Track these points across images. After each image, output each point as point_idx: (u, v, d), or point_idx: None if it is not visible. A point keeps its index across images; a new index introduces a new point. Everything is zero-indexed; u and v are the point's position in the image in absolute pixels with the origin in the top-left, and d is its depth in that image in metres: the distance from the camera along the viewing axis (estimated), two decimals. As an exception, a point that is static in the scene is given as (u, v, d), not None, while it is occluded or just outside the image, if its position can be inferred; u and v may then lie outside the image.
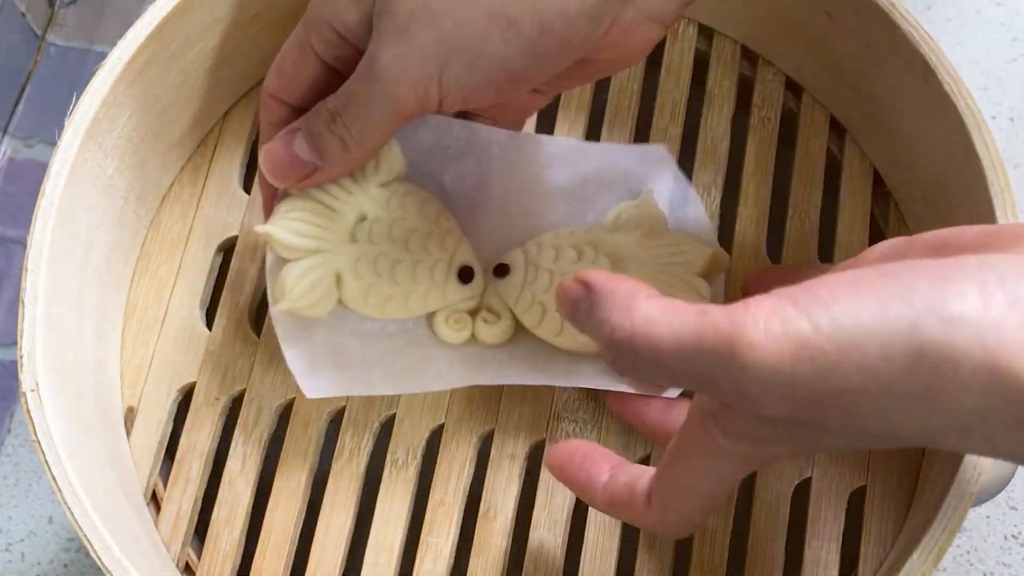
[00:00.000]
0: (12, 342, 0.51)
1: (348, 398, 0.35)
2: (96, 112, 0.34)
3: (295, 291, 0.33)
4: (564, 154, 0.37)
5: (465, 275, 0.34)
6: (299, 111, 0.33)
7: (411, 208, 0.35)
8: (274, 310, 0.34)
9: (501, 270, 0.35)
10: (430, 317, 0.35)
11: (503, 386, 0.35)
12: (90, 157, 0.34)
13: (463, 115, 0.36)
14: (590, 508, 0.34)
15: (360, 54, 0.31)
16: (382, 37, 0.29)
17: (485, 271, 0.35)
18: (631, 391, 0.34)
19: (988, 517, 0.47)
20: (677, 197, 0.37)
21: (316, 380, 0.34)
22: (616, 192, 0.37)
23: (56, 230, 0.33)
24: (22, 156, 0.53)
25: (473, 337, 0.35)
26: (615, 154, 0.38)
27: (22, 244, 0.51)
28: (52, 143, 0.51)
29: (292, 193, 0.34)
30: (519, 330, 0.35)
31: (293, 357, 0.34)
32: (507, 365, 0.35)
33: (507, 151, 0.37)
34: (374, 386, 0.34)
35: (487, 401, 0.35)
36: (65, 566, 0.48)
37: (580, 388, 0.35)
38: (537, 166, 0.37)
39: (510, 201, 0.37)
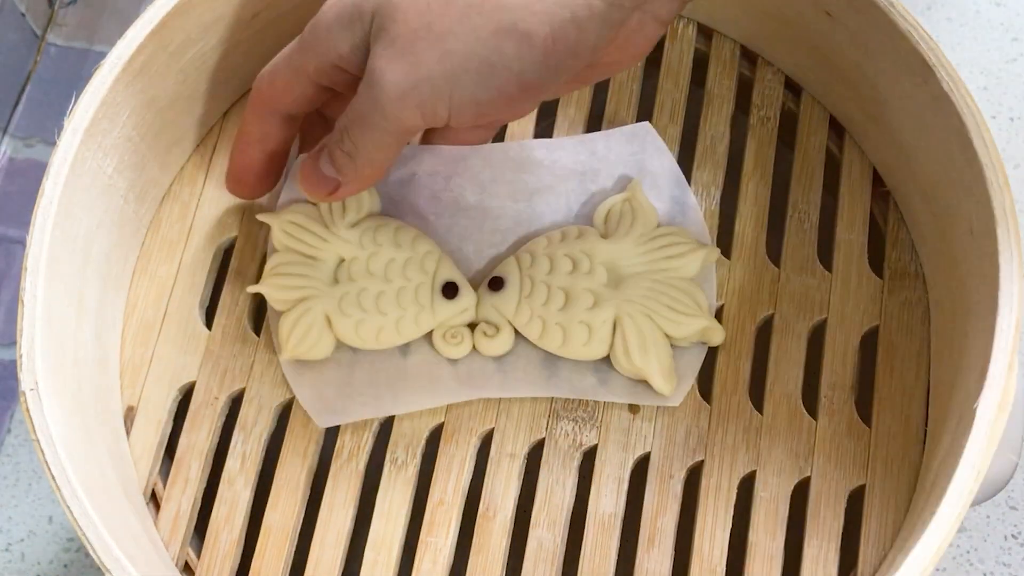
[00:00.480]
0: (12, 342, 0.51)
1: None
2: (95, 111, 0.34)
3: (291, 340, 0.35)
4: (536, 156, 0.37)
5: (449, 291, 0.35)
6: (289, 116, 0.34)
7: (384, 240, 0.35)
8: (281, 359, 0.36)
9: (496, 283, 0.35)
10: (430, 337, 0.35)
11: (503, 386, 0.35)
12: (90, 156, 0.34)
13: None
14: (589, 507, 0.34)
15: (356, 79, 0.31)
16: (382, 56, 0.29)
17: (479, 285, 0.36)
18: (632, 401, 0.35)
19: (988, 517, 0.47)
20: (663, 178, 0.37)
21: (328, 412, 0.35)
22: (600, 180, 0.37)
23: (56, 230, 0.33)
24: (22, 156, 0.53)
25: (475, 350, 0.35)
26: (594, 143, 0.38)
27: (22, 244, 0.51)
28: (52, 143, 0.52)
29: (277, 249, 0.36)
30: (520, 340, 0.35)
31: (303, 393, 0.35)
32: (511, 377, 0.35)
33: (475, 164, 0.37)
34: (384, 408, 0.35)
35: (486, 401, 0.35)
36: (65, 566, 0.48)
37: (580, 387, 0.35)
38: (510, 172, 0.37)
39: (490, 211, 0.37)
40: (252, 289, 0.36)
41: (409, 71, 0.29)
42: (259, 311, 0.37)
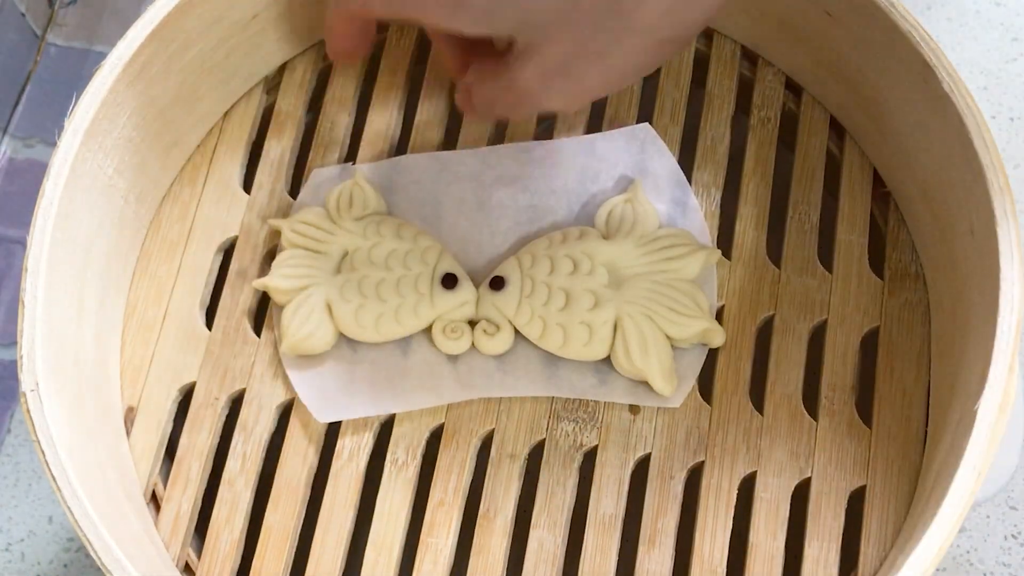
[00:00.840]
0: (12, 342, 0.51)
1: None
2: (96, 112, 0.34)
3: (291, 327, 0.35)
4: (536, 157, 0.37)
5: (448, 282, 0.35)
6: None
7: (387, 232, 0.36)
8: (281, 351, 0.36)
9: (497, 283, 0.35)
10: (430, 334, 0.35)
11: (503, 386, 0.35)
12: (90, 157, 0.34)
13: None
14: (590, 508, 0.34)
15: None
16: (540, 76, 0.30)
17: (480, 284, 0.36)
18: (632, 402, 0.35)
19: (988, 517, 0.47)
20: (664, 179, 0.37)
21: (327, 407, 0.35)
22: (600, 181, 0.37)
23: (56, 230, 0.33)
24: (22, 156, 0.53)
25: (475, 349, 0.35)
26: (595, 144, 0.38)
27: (22, 244, 0.51)
28: (52, 143, 0.52)
29: (284, 247, 0.37)
30: (520, 340, 0.35)
31: (303, 387, 0.35)
32: (512, 376, 0.35)
33: (476, 165, 0.37)
34: (383, 406, 0.35)
35: (487, 401, 0.35)
36: (65, 566, 0.48)
37: (580, 388, 0.35)
38: (511, 173, 0.37)
39: (491, 212, 0.37)
40: (258, 283, 0.36)
41: (572, 87, 0.30)
42: (260, 311, 0.37)
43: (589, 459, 0.35)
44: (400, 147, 0.40)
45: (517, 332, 0.35)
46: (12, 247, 0.52)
